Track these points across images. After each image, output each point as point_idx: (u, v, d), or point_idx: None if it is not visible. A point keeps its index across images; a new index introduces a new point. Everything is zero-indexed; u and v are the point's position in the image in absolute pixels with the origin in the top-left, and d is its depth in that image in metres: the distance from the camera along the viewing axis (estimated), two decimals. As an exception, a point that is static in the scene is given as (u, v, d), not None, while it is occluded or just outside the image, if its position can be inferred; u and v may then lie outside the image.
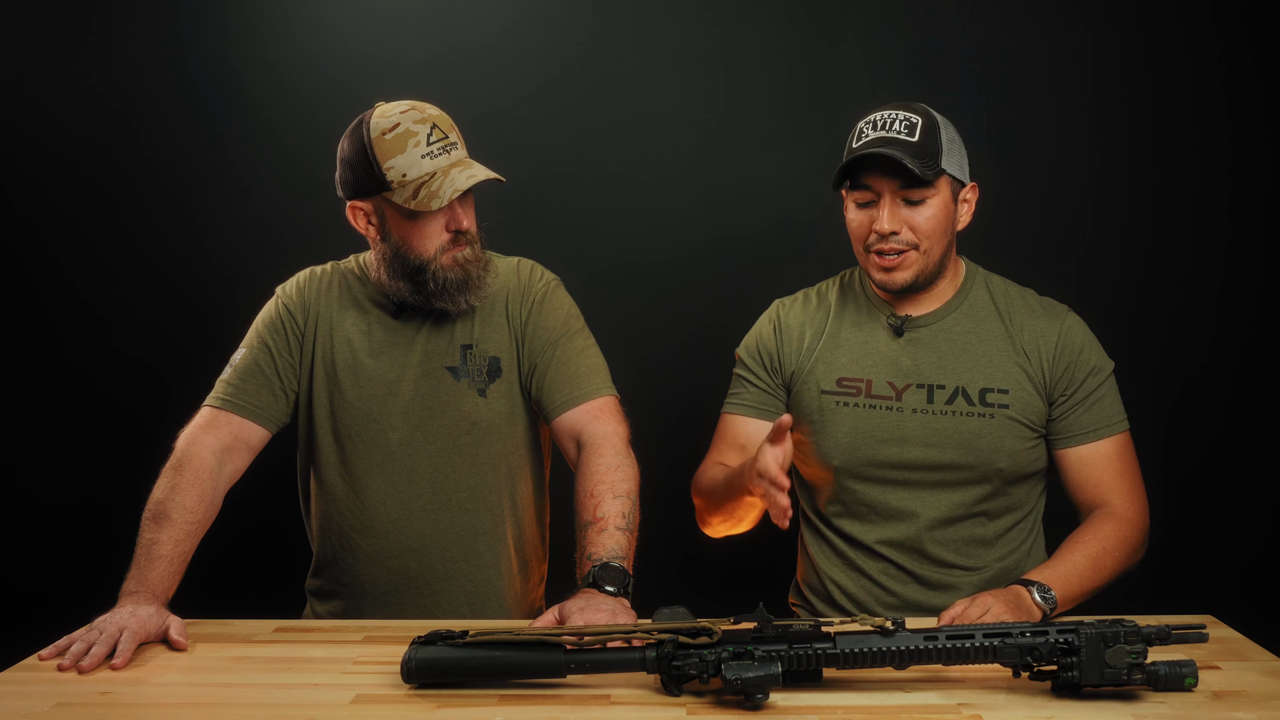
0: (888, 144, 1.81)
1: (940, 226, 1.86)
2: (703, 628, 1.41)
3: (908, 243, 1.84)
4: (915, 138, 1.82)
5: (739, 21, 2.66)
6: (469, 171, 1.84)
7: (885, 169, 1.82)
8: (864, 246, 1.88)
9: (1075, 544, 1.80)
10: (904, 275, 1.86)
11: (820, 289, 2.06)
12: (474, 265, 1.89)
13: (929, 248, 1.86)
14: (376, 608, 1.97)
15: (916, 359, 1.92)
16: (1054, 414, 1.90)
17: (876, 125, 1.85)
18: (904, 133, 1.82)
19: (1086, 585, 1.75)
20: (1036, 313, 1.94)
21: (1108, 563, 1.78)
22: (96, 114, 2.68)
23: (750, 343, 2.05)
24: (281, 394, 1.96)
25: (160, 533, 1.74)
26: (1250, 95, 2.58)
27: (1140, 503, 1.88)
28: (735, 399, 2.04)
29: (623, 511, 1.75)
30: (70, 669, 1.54)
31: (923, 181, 1.81)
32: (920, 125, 1.83)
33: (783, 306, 2.05)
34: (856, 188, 1.86)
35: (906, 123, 1.83)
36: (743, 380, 2.04)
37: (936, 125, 1.85)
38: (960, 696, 1.41)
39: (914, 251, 1.85)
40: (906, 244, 1.84)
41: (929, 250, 1.86)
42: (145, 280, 2.71)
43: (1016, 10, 2.62)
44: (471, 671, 1.44)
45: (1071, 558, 1.77)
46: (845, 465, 1.92)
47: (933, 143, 1.83)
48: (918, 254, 1.85)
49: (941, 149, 1.83)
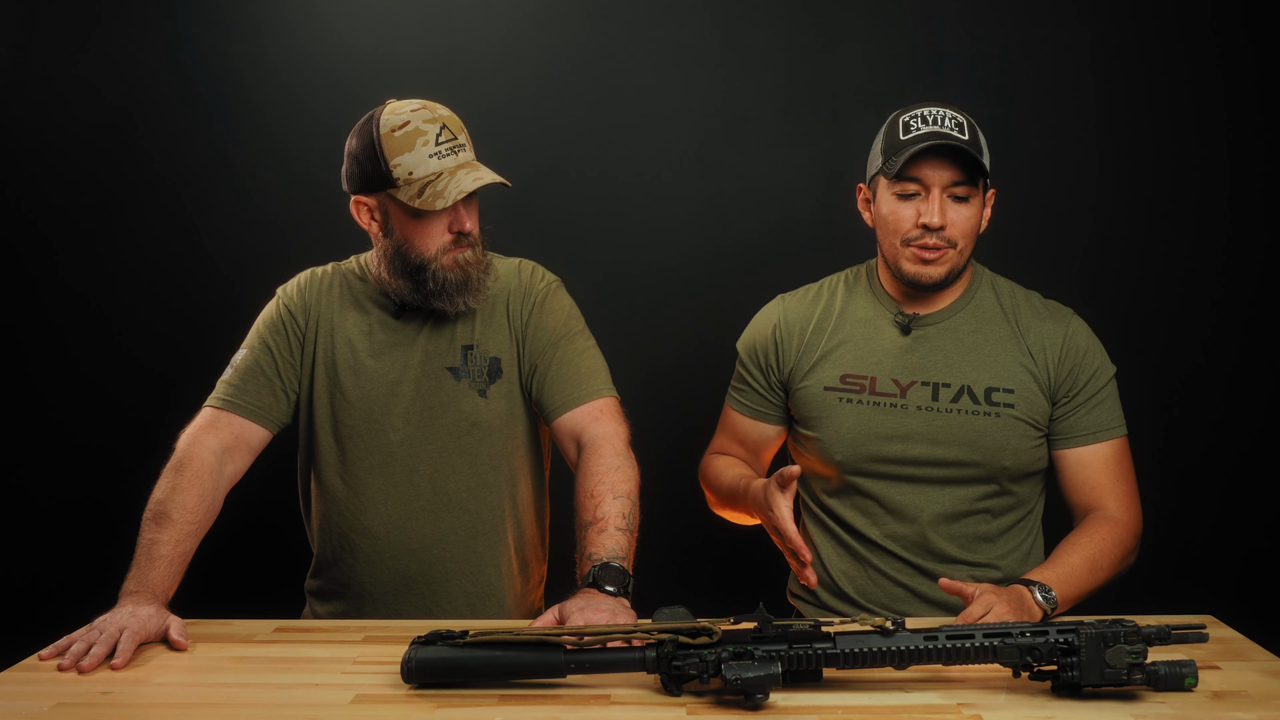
0: (946, 139, 1.82)
1: (976, 227, 1.89)
2: (703, 628, 1.41)
3: (949, 239, 1.85)
4: (966, 136, 1.84)
5: (739, 21, 2.66)
6: (475, 174, 1.84)
7: (946, 162, 1.83)
8: (902, 239, 1.87)
9: (1072, 546, 1.80)
10: (939, 270, 1.87)
11: (825, 284, 2.06)
12: (474, 267, 1.90)
13: (964, 247, 1.87)
14: (376, 608, 1.97)
15: (922, 357, 1.93)
16: (1055, 414, 1.91)
17: (926, 120, 1.85)
18: (955, 129, 1.84)
19: (1083, 587, 1.76)
20: (1042, 315, 1.94)
21: (1104, 565, 1.79)
22: (96, 114, 2.68)
23: (749, 341, 2.05)
24: (282, 394, 1.96)
25: (161, 533, 1.74)
26: (1250, 95, 2.58)
27: (1135, 508, 1.89)
28: (735, 394, 2.07)
29: (623, 512, 1.76)
30: (70, 669, 1.54)
31: (973, 180, 1.83)
32: (967, 125, 1.86)
33: (785, 302, 2.05)
34: (904, 179, 1.85)
35: (955, 120, 1.85)
36: (742, 377, 2.06)
37: (977, 127, 1.87)
38: (960, 696, 1.41)
39: (952, 249, 1.86)
40: (948, 241, 1.85)
41: (964, 250, 1.88)
42: (145, 280, 2.70)
43: (1016, 10, 2.62)
44: (471, 671, 1.44)
45: (1069, 559, 1.77)
46: (848, 460, 1.92)
47: (979, 143, 1.85)
48: (954, 252, 1.87)
49: (984, 150, 1.86)
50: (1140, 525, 1.88)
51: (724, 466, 2.04)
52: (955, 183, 1.83)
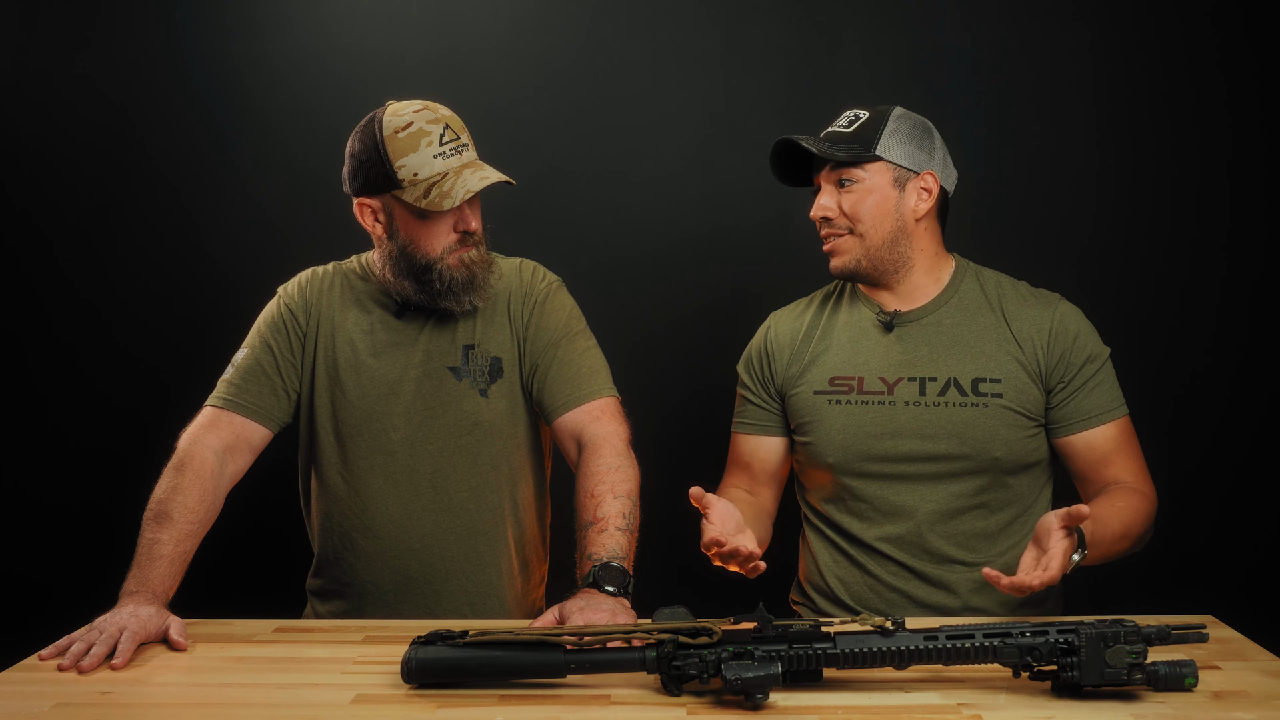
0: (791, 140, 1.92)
1: (876, 210, 1.90)
2: (703, 628, 1.41)
3: (844, 227, 1.91)
4: (850, 129, 1.91)
5: (739, 21, 2.66)
6: (481, 174, 1.84)
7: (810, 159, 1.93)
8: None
9: (1102, 499, 1.79)
10: (841, 260, 1.93)
11: (815, 296, 2.09)
12: (479, 266, 1.90)
13: (865, 230, 1.90)
14: (377, 607, 1.97)
15: (907, 353, 1.93)
16: (1053, 402, 1.90)
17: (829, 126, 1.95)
18: (843, 126, 1.93)
19: (1114, 536, 1.72)
20: (1029, 301, 1.95)
21: (1135, 523, 1.77)
22: (97, 114, 2.68)
23: (745, 360, 2.08)
24: (283, 394, 1.96)
25: (161, 532, 1.74)
26: (1250, 94, 2.58)
27: (1150, 484, 1.89)
28: (739, 417, 2.08)
29: (623, 512, 1.76)
30: (70, 669, 1.54)
31: (848, 164, 1.88)
32: (864, 120, 1.91)
33: (775, 318, 2.08)
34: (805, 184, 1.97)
35: (850, 118, 1.93)
36: (743, 399, 2.07)
37: (883, 119, 1.91)
38: (960, 696, 1.41)
39: (850, 235, 1.91)
40: (844, 228, 1.91)
41: (866, 234, 1.90)
42: (145, 280, 2.71)
43: (1016, 10, 2.62)
44: (471, 671, 1.45)
45: (1099, 509, 1.72)
46: (841, 462, 1.93)
47: (868, 133, 1.90)
48: (853, 237, 1.91)
49: (878, 139, 1.89)
50: (1157, 500, 1.87)
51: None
52: (832, 168, 1.90)
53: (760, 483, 2.05)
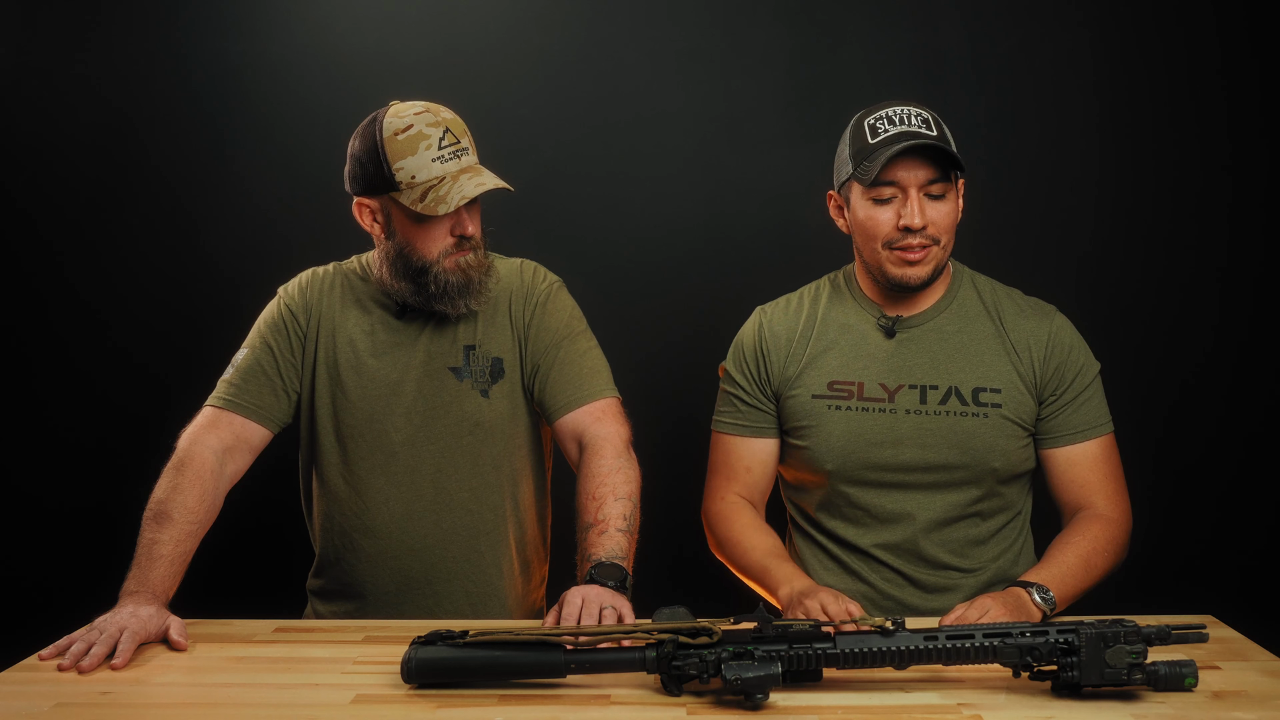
0: (917, 138, 1.79)
1: (955, 221, 1.86)
2: (703, 628, 1.41)
3: (932, 238, 1.83)
4: (934, 132, 1.82)
5: (739, 21, 2.66)
6: (478, 179, 1.84)
7: (919, 161, 1.80)
8: (883, 243, 1.84)
9: (1066, 545, 1.80)
10: (925, 270, 1.85)
11: (804, 293, 2.03)
12: (476, 270, 1.90)
13: (947, 242, 1.86)
14: (378, 608, 1.97)
15: (908, 360, 1.91)
16: (1043, 414, 1.89)
17: (893, 120, 1.82)
18: (922, 127, 1.81)
19: (1080, 585, 1.75)
20: (1026, 312, 1.93)
21: (1098, 563, 1.78)
22: (96, 114, 2.68)
23: (735, 355, 2.01)
24: (284, 394, 1.96)
25: (161, 532, 1.74)
26: (1250, 95, 2.59)
27: (1124, 505, 1.88)
28: (727, 417, 2.00)
29: (624, 514, 1.76)
30: (70, 669, 1.54)
31: (946, 176, 1.81)
32: (933, 120, 1.84)
33: (765, 313, 2.02)
34: (878, 184, 1.82)
35: (920, 117, 1.83)
36: (732, 397, 2.00)
37: (941, 119, 1.85)
38: (960, 696, 1.41)
39: (935, 247, 1.84)
40: (930, 239, 1.83)
41: (947, 245, 1.86)
42: (145, 280, 2.70)
43: (1016, 10, 2.62)
44: (471, 671, 1.45)
45: (1064, 558, 1.77)
46: (839, 469, 1.90)
47: (946, 135, 1.83)
48: (938, 249, 1.85)
49: (951, 141, 1.83)
50: (1130, 522, 1.88)
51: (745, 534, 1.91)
52: (931, 180, 1.81)
53: (754, 488, 1.99)
